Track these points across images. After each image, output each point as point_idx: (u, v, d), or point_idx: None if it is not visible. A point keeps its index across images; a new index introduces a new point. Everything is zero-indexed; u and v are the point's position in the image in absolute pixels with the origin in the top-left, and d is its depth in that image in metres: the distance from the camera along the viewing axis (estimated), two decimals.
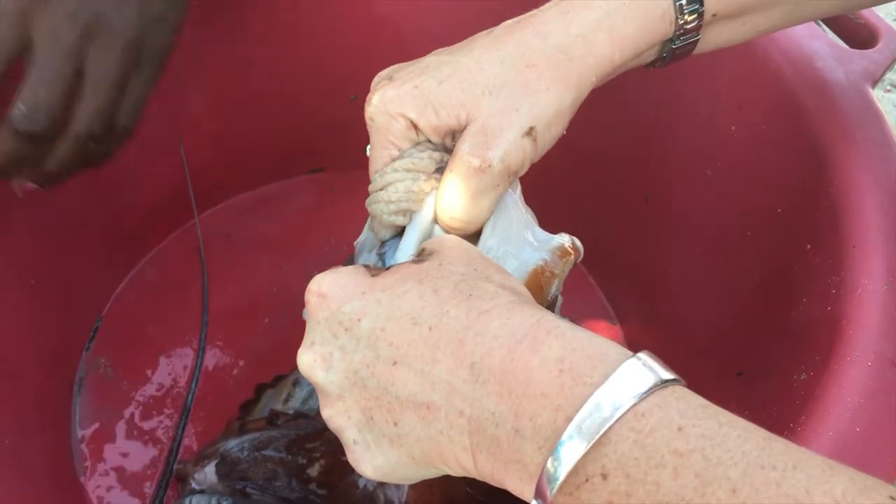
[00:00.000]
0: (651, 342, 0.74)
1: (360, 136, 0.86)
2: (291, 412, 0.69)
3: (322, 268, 0.79)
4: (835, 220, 0.53)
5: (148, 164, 0.75)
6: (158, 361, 0.75)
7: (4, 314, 0.63)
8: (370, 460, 0.37)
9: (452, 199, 0.42)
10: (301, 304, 0.79)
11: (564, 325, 0.33)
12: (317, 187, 0.87)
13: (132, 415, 0.72)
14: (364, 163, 0.90)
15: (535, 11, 0.44)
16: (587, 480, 0.29)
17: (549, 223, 0.48)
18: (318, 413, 0.67)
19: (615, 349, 0.32)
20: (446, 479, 0.53)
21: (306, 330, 0.39)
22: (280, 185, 0.87)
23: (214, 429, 0.69)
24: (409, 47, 0.81)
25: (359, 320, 0.36)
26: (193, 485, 0.65)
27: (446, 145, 0.43)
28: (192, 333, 0.76)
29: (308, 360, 0.38)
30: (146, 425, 0.71)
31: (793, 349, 0.52)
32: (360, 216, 0.86)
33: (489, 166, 0.41)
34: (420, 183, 0.43)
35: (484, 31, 0.45)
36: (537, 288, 0.43)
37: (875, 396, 0.44)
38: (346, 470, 0.59)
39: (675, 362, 0.71)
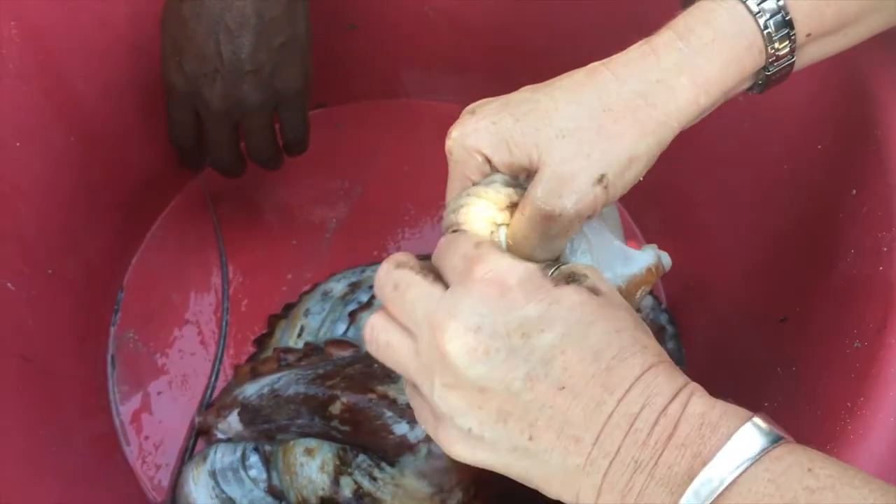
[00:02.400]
0: (681, 273, 0.73)
1: (360, 66, 0.82)
2: (301, 347, 0.69)
3: (339, 216, 0.78)
4: (883, 166, 0.51)
5: (144, 122, 0.71)
6: (185, 329, 0.74)
7: (28, 311, 0.61)
8: (472, 452, 0.37)
9: (523, 241, 0.41)
10: (325, 258, 0.76)
11: (703, 391, 0.36)
12: (322, 124, 0.83)
13: (168, 386, 0.72)
14: (367, 93, 0.87)
15: (619, 54, 0.42)
16: None
17: None
18: (328, 342, 0.68)
19: (745, 410, 0.35)
20: None
21: (465, 307, 0.36)
22: None
23: None
24: None
25: (542, 331, 0.35)
26: (219, 435, 0.66)
27: (519, 181, 0.42)
28: (215, 296, 0.75)
29: (469, 343, 0.36)
30: (184, 395, 0.71)
31: (843, 307, 0.51)
32: (370, 151, 0.83)
33: (560, 214, 0.40)
34: (493, 212, 0.42)
35: (568, 73, 0.42)
36: None
37: None
38: (373, 413, 0.60)
39: (708, 297, 0.70)
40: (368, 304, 0.69)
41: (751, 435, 0.33)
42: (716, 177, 0.68)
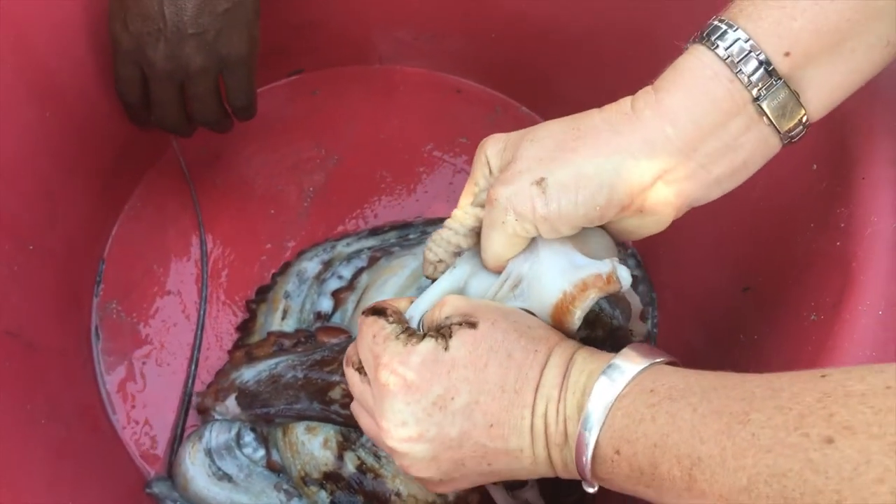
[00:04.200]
0: (653, 240, 0.74)
1: (335, 31, 0.82)
2: (292, 331, 0.70)
3: (316, 185, 0.79)
4: (842, 144, 0.53)
5: (115, 93, 0.71)
6: (167, 299, 0.75)
7: (11, 287, 0.62)
8: (453, 488, 0.47)
9: (482, 229, 0.47)
10: (304, 227, 0.77)
11: (581, 358, 0.43)
12: (298, 92, 0.84)
13: (152, 355, 0.73)
14: (342, 59, 0.87)
15: None
16: (612, 461, 0.39)
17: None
18: (318, 329, 0.69)
19: (616, 357, 0.41)
20: None
21: (387, 409, 0.44)
22: (259, 94, 0.83)
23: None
24: None
25: (452, 399, 0.43)
26: (216, 416, 0.67)
27: None
28: (196, 266, 0.76)
29: (403, 436, 0.43)
30: (169, 364, 0.73)
31: (801, 280, 0.53)
32: (347, 120, 0.83)
33: (495, 200, 0.45)
34: (460, 238, 0.47)
35: None
36: (560, 320, 0.44)
37: (885, 348, 0.45)
38: None
39: (677, 262, 0.72)
40: (351, 286, 0.70)
41: (607, 385, 0.39)
42: None
